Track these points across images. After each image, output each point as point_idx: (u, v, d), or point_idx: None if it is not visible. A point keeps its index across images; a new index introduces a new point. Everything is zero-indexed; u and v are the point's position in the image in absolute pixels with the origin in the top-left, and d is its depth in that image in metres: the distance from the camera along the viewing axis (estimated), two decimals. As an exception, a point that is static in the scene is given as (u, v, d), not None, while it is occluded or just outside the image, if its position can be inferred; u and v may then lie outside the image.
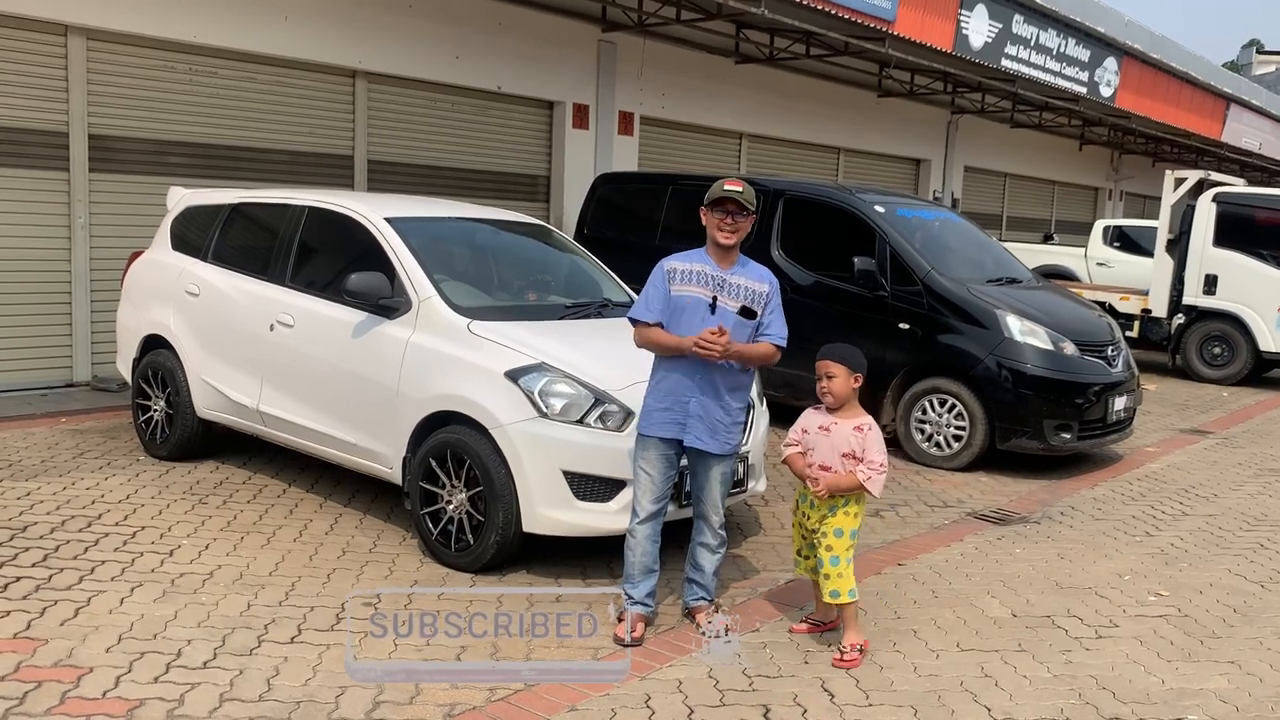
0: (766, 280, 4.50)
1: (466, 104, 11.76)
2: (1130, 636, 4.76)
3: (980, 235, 9.64)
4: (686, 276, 4.42)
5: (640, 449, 4.47)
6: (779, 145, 16.24)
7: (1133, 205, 27.14)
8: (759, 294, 4.44)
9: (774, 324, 4.49)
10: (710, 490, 4.52)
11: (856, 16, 11.87)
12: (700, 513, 4.58)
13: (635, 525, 4.48)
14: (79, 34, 8.69)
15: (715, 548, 4.58)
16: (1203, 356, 13.20)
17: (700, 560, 4.60)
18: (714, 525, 4.55)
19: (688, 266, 4.44)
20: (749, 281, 4.45)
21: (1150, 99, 18.56)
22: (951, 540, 6.06)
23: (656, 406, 4.43)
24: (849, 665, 4.27)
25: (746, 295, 4.42)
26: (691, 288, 4.40)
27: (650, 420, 4.44)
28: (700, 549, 4.60)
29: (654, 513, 4.46)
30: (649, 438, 4.43)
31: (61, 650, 4.04)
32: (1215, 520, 6.79)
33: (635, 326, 4.49)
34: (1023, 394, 7.54)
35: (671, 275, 4.43)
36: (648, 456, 4.44)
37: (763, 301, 4.45)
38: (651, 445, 4.43)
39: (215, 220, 6.94)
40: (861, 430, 4.34)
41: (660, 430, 4.41)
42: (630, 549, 4.49)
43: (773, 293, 4.50)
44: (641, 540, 4.47)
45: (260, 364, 6.16)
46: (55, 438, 7.21)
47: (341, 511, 5.94)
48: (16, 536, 5.23)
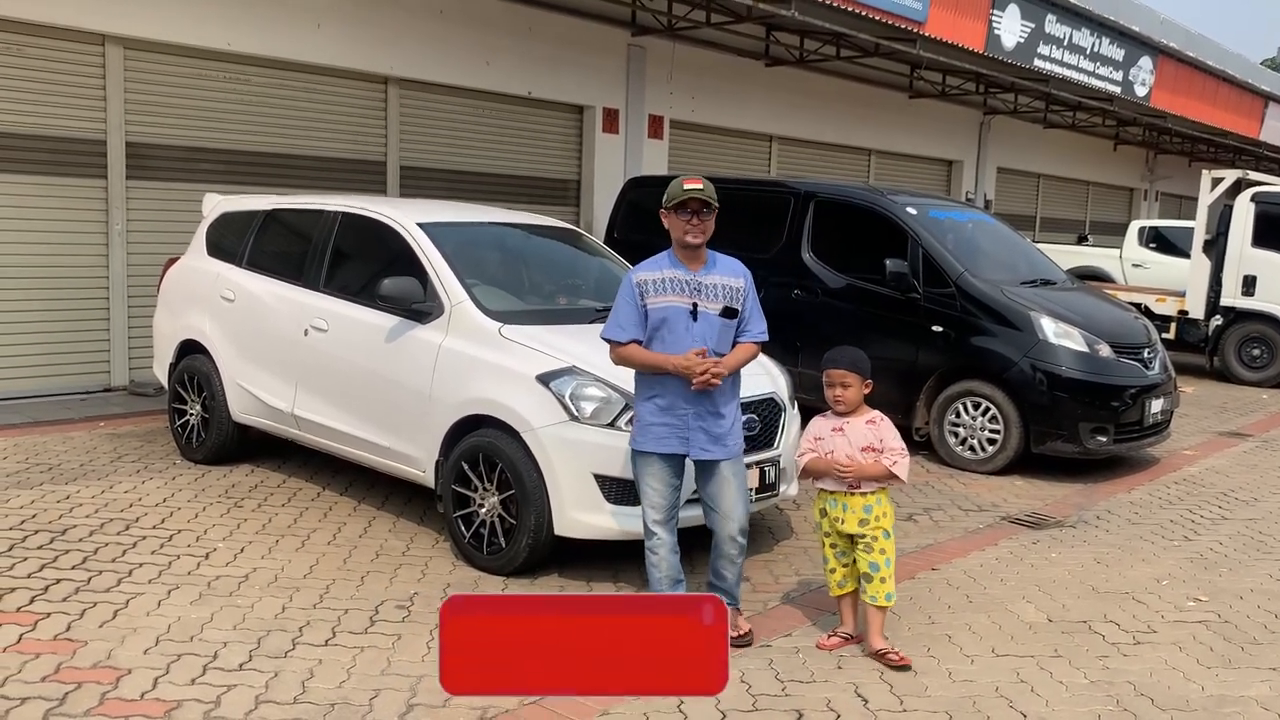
0: (741, 274, 4.37)
1: (497, 109, 11.82)
2: (1169, 642, 4.70)
3: (1013, 237, 9.55)
4: (660, 286, 4.27)
5: (642, 465, 4.34)
6: (809, 147, 16.19)
7: (1169, 206, 26.80)
8: (737, 290, 4.32)
9: (753, 320, 4.38)
10: (724, 498, 4.34)
11: (887, 18, 11.80)
12: (714, 524, 4.39)
13: (652, 541, 4.38)
14: (116, 44, 8.82)
15: (735, 557, 4.42)
16: (1241, 358, 13.01)
17: (721, 569, 4.45)
18: (731, 534, 4.35)
19: (658, 275, 4.29)
20: (725, 279, 4.32)
21: (1186, 98, 18.32)
22: (986, 545, 6.00)
23: (653, 422, 4.28)
24: (905, 661, 4.28)
25: (726, 294, 4.30)
26: (668, 297, 4.25)
27: (649, 436, 4.30)
28: (721, 560, 4.43)
29: (667, 525, 4.36)
30: (649, 454, 4.32)
31: (100, 652, 4.09)
32: (1255, 524, 6.69)
33: (610, 347, 4.36)
34: (1058, 397, 7.47)
35: (643, 288, 4.28)
36: (651, 472, 4.32)
37: (741, 297, 4.33)
38: (653, 461, 4.31)
39: (250, 226, 7.01)
40: (875, 423, 4.36)
41: (661, 446, 4.28)
42: (653, 565, 4.39)
43: (749, 286, 4.37)
44: (663, 554, 4.37)
45: (294, 368, 6.22)
46: (94, 442, 7.31)
47: (375, 515, 5.98)
48: (56, 539, 5.31)
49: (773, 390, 5.46)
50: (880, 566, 4.33)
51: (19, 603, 4.51)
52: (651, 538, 4.40)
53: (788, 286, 8.57)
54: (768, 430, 5.34)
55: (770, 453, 5.33)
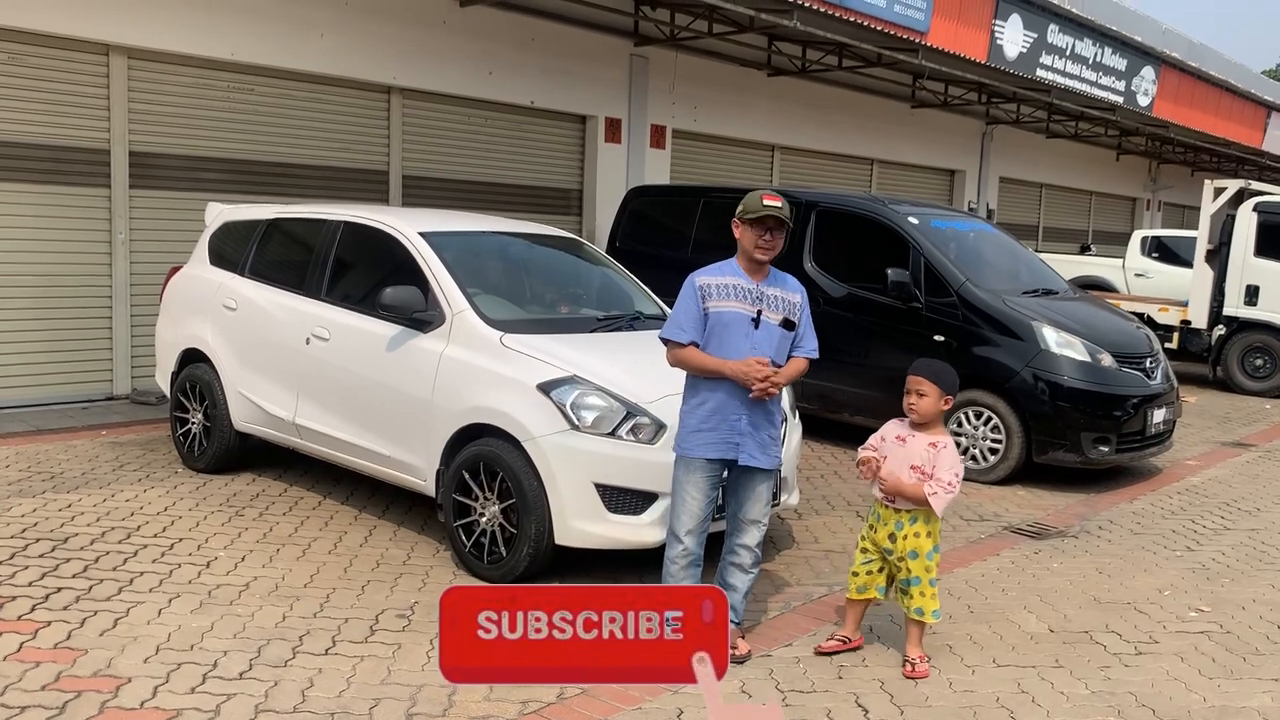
0: (799, 291, 4.46)
1: (500, 119, 11.85)
2: (1171, 653, 4.69)
3: (1016, 246, 9.56)
4: (723, 291, 4.30)
5: (685, 471, 4.33)
6: (811, 157, 16.21)
7: (1171, 215, 26.80)
8: (794, 305, 4.40)
9: (807, 336, 4.46)
10: (754, 507, 4.40)
11: (889, 28, 11.82)
12: (739, 530, 4.44)
13: (675, 550, 4.34)
14: (120, 53, 8.85)
15: (750, 566, 4.45)
16: (1244, 368, 13.00)
17: (732, 580, 4.45)
18: (753, 544, 4.42)
19: (722, 281, 4.33)
20: (785, 293, 4.39)
21: (1189, 108, 18.34)
22: (988, 554, 6.00)
23: (702, 427, 4.28)
24: (920, 676, 4.29)
25: (785, 307, 4.36)
26: (731, 303, 4.29)
27: (696, 441, 4.29)
28: (733, 569, 4.46)
29: (696, 535, 4.35)
30: (695, 459, 4.30)
31: (101, 660, 4.09)
32: (1257, 535, 6.68)
33: (668, 347, 4.38)
34: (1060, 406, 7.46)
35: (706, 291, 4.31)
36: (694, 479, 4.30)
37: (798, 313, 4.40)
38: (698, 467, 4.30)
39: (252, 235, 7.03)
40: (935, 447, 4.29)
41: (711, 451, 4.27)
42: (670, 575, 4.35)
43: (804, 304, 4.46)
44: (684, 565, 4.34)
45: (296, 377, 6.23)
46: (96, 450, 7.32)
47: (376, 524, 5.98)
48: (58, 548, 5.31)
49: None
50: (911, 583, 4.34)
51: (20, 611, 4.51)
52: (676, 547, 4.35)
53: (789, 296, 8.56)
54: (769, 439, 5.32)
55: (772, 462, 5.32)
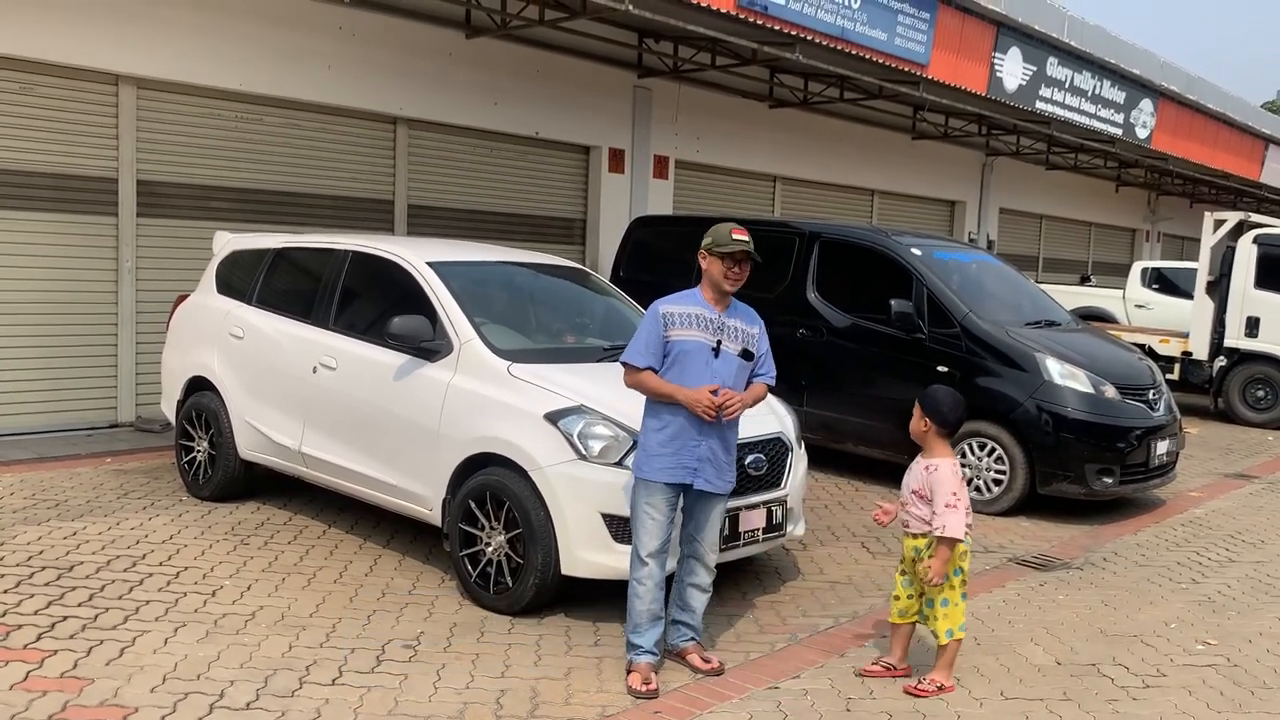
0: (756, 322, 4.59)
1: (504, 149, 11.93)
2: (1178, 686, 4.67)
3: (1017, 277, 9.60)
4: (685, 320, 4.40)
5: (644, 494, 4.40)
6: (813, 188, 16.31)
7: (1171, 247, 26.91)
8: (752, 336, 4.52)
9: (766, 364, 4.59)
10: (710, 530, 4.53)
11: (890, 61, 11.94)
12: (696, 553, 4.56)
13: (640, 573, 4.40)
14: (129, 83, 8.93)
15: (706, 587, 4.60)
16: (1246, 400, 13.01)
17: (691, 600, 4.59)
18: (709, 564, 4.57)
19: (684, 310, 4.43)
20: (743, 324, 4.52)
21: (1187, 140, 18.47)
22: (993, 586, 5.99)
23: (661, 451, 4.36)
24: (920, 694, 4.34)
25: (744, 338, 4.49)
26: (692, 332, 4.39)
27: (655, 465, 4.37)
28: (691, 589, 4.59)
29: (660, 556, 4.42)
30: (654, 483, 4.38)
31: (107, 690, 4.08)
32: (1263, 567, 6.67)
33: (626, 370, 4.46)
34: (1063, 438, 7.47)
35: (669, 319, 4.40)
36: (653, 501, 4.39)
37: (755, 343, 4.52)
38: (657, 490, 4.38)
39: (259, 264, 7.07)
40: (929, 470, 4.39)
41: (668, 476, 4.36)
42: (638, 596, 4.41)
43: (762, 334, 4.59)
44: (649, 587, 4.40)
45: (303, 406, 6.24)
46: (100, 478, 7.32)
47: (381, 553, 5.97)
48: (63, 576, 5.30)
49: (780, 430, 5.47)
50: (934, 605, 4.41)
51: (26, 639, 4.51)
52: (640, 569, 4.41)
53: (793, 326, 8.59)
54: (775, 470, 5.34)
55: (777, 492, 5.34)
